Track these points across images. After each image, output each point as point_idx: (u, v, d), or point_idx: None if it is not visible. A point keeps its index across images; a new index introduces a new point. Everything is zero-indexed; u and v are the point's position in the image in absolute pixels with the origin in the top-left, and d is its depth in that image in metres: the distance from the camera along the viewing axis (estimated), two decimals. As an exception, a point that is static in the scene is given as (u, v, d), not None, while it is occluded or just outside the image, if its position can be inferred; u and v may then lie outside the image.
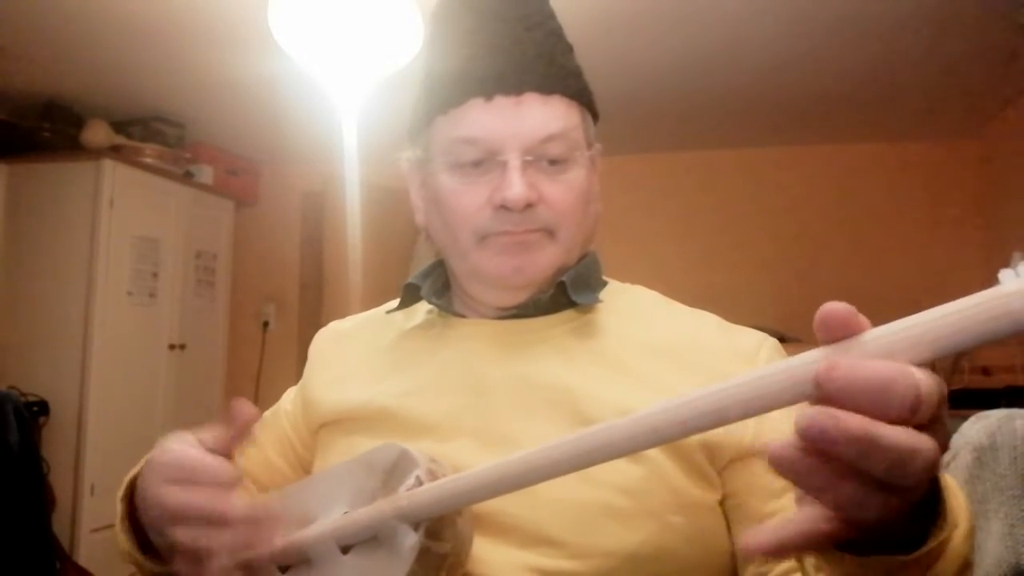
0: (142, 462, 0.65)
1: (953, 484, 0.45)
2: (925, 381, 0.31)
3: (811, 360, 0.33)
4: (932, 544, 0.38)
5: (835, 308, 0.33)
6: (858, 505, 0.33)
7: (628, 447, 0.41)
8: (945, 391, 0.33)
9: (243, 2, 2.06)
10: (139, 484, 0.58)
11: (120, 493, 0.65)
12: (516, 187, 0.65)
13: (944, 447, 0.34)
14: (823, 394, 0.31)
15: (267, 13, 1.80)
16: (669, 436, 0.39)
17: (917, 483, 0.33)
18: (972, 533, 0.44)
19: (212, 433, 0.57)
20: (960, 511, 0.44)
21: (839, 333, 0.33)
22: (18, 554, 1.85)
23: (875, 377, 0.31)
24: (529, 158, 0.66)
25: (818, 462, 0.32)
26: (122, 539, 0.65)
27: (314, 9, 1.76)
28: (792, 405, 0.35)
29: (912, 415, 0.31)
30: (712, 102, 2.89)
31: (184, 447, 0.56)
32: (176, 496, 0.53)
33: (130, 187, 2.92)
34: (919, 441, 0.31)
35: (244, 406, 0.56)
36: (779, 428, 0.59)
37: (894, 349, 0.32)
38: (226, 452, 0.57)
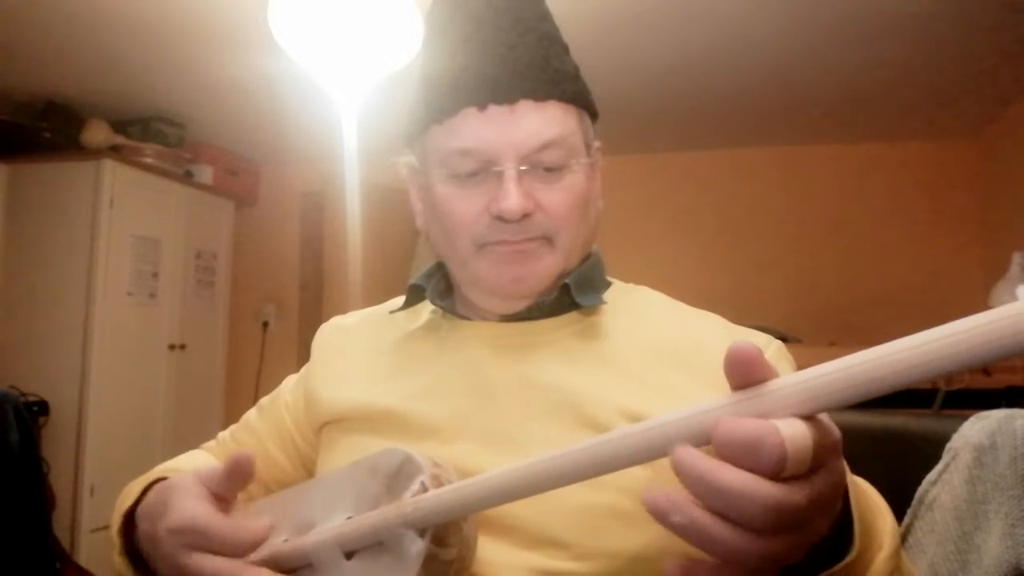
0: (135, 489, 0.66)
1: (878, 505, 0.49)
2: (793, 438, 0.34)
3: (709, 408, 0.38)
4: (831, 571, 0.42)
5: (740, 350, 0.37)
6: (737, 552, 0.35)
7: (635, 459, 0.41)
8: (832, 440, 0.37)
9: (243, 2, 2.06)
10: (145, 538, 0.60)
11: (115, 527, 0.65)
12: (512, 198, 0.64)
13: (835, 492, 0.38)
14: (713, 446, 0.35)
15: (267, 13, 1.80)
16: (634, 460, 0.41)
17: (787, 528, 0.35)
18: (897, 553, 0.47)
19: (216, 481, 0.58)
20: (884, 534, 0.46)
21: (743, 374, 0.37)
22: (18, 554, 1.85)
23: (743, 437, 0.34)
24: (525, 167, 0.66)
25: (686, 505, 0.36)
26: (124, 570, 0.66)
27: (314, 9, 1.76)
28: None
29: (779, 468, 0.34)
30: (712, 102, 2.89)
31: (197, 506, 0.56)
32: (198, 563, 0.55)
33: (130, 187, 2.92)
34: (762, 487, 0.34)
35: (244, 458, 0.58)
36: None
37: (792, 402, 0.35)
38: (230, 495, 0.59)
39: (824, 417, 0.38)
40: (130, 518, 0.65)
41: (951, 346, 0.32)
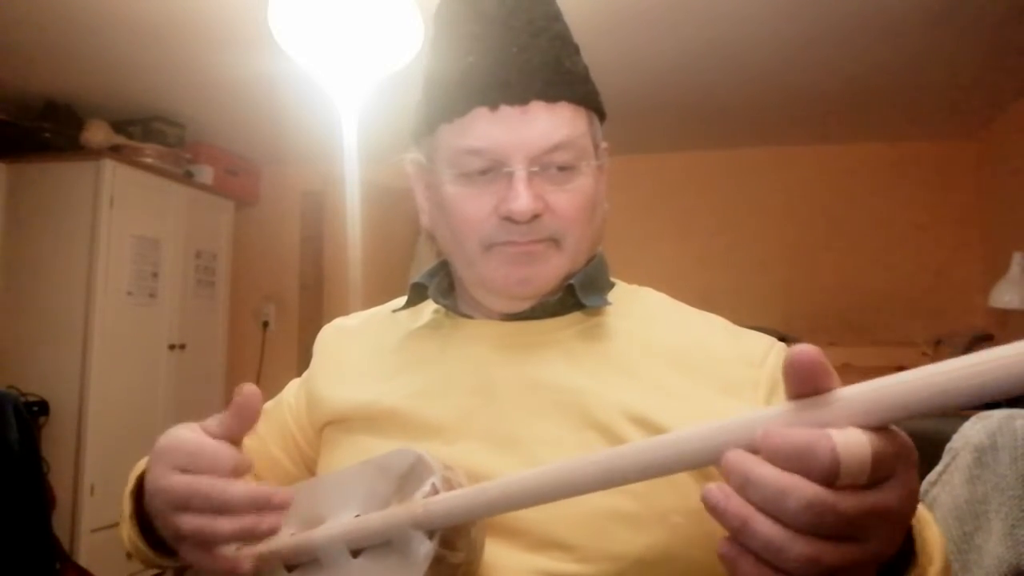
0: (147, 458, 0.66)
1: (924, 517, 0.48)
2: (847, 445, 0.33)
3: (767, 417, 0.37)
4: None
5: (804, 354, 0.35)
6: (771, 545, 0.35)
7: (643, 474, 0.42)
8: (901, 449, 0.36)
9: (243, 2, 2.06)
10: (146, 475, 0.59)
11: (128, 488, 0.66)
12: (522, 199, 0.64)
13: (904, 504, 0.37)
14: (763, 454, 0.36)
15: (267, 13, 1.79)
16: (668, 468, 0.41)
17: (835, 534, 0.34)
18: (948, 569, 0.46)
19: (217, 420, 0.57)
20: (935, 547, 0.46)
21: (803, 380, 0.36)
22: (18, 554, 1.84)
23: (793, 444, 0.34)
24: (535, 168, 0.65)
25: (738, 502, 0.36)
26: (130, 533, 0.66)
27: (314, 9, 1.75)
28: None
29: (831, 476, 0.33)
30: (711, 102, 2.89)
31: (187, 433, 0.56)
32: (179, 482, 0.54)
33: (130, 187, 2.92)
34: (801, 484, 0.34)
35: (250, 392, 0.57)
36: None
37: (854, 411, 0.34)
38: (232, 438, 0.57)
39: (894, 426, 0.36)
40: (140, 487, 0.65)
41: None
